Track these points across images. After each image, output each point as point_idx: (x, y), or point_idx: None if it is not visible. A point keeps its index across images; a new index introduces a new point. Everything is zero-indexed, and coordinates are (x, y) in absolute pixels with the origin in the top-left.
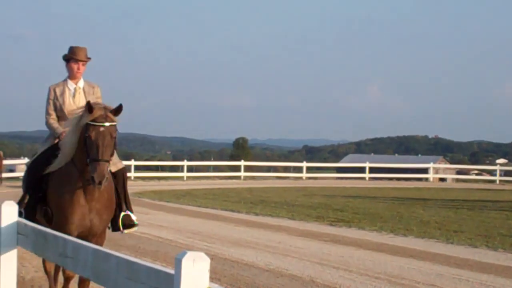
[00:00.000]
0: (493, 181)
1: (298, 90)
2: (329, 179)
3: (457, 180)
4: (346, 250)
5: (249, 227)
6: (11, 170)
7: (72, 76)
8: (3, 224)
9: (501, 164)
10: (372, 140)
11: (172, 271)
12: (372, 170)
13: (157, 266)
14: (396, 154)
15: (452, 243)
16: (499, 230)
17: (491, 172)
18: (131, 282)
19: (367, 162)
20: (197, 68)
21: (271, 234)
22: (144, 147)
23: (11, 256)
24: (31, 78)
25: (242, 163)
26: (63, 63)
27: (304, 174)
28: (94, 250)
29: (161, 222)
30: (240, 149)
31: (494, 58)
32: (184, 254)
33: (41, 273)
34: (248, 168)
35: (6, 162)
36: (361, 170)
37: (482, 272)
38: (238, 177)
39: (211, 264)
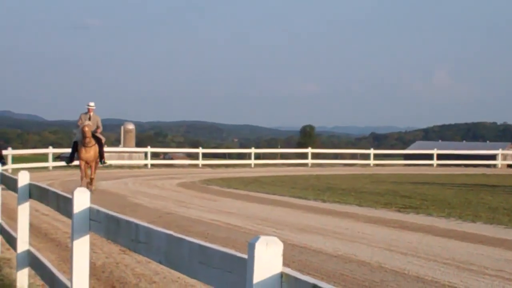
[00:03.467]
0: None
1: (365, 76)
2: (396, 166)
3: None
4: (414, 236)
5: (317, 213)
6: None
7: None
8: (76, 211)
9: None
10: (440, 126)
11: (245, 256)
12: (440, 156)
13: (230, 251)
14: (464, 141)
15: None
16: None
17: None
18: (204, 267)
19: (435, 149)
20: (264, 57)
21: (338, 221)
22: (212, 135)
23: (84, 242)
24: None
25: (309, 150)
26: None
27: (371, 161)
28: (167, 235)
29: (230, 209)
30: (307, 136)
31: None
32: (257, 238)
33: (112, 258)
34: (315, 156)
35: (63, 150)
36: (429, 156)
37: None
38: (306, 165)
39: None
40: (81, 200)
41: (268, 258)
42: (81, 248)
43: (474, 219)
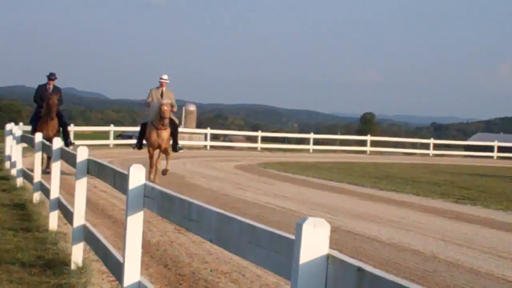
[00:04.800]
0: None
1: (428, 66)
2: (456, 157)
3: None
4: (470, 227)
5: (373, 201)
6: (130, 137)
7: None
8: (131, 187)
9: None
10: (502, 119)
11: (292, 237)
12: (501, 149)
13: (278, 231)
14: None
15: None
16: None
17: None
18: (253, 246)
19: (496, 141)
20: (326, 43)
21: (394, 209)
22: (271, 118)
23: (138, 218)
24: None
25: (368, 137)
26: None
27: (431, 151)
28: (218, 214)
29: (286, 193)
30: (367, 124)
31: None
32: (304, 219)
33: (166, 237)
34: (374, 143)
35: (125, 128)
36: (490, 148)
37: None
38: (364, 152)
39: (333, 235)
40: (137, 176)
41: (315, 239)
42: (135, 224)
43: None
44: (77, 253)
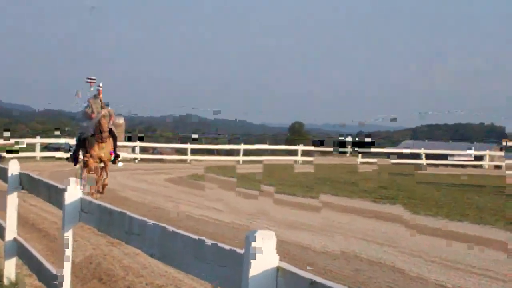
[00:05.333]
0: None
1: (356, 74)
2: (383, 164)
3: None
4: (391, 227)
5: (304, 210)
6: (57, 149)
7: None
8: (68, 202)
9: None
10: (427, 126)
11: (240, 250)
12: (428, 156)
13: (225, 246)
14: (451, 141)
15: (510, 230)
16: None
17: None
18: (198, 261)
19: (422, 148)
20: (254, 51)
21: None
22: (201, 129)
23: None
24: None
25: (300, 147)
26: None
27: (359, 159)
28: (161, 228)
29: (218, 205)
30: (295, 133)
31: None
32: (253, 232)
33: (99, 250)
34: (305, 153)
35: (51, 140)
36: (417, 156)
37: None
38: (295, 161)
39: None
40: (73, 191)
41: (265, 253)
42: (72, 239)
43: (461, 219)
44: (10, 268)
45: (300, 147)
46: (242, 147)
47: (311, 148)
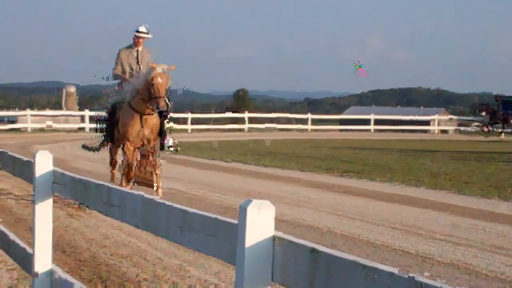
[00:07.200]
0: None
1: (299, 41)
2: (332, 131)
3: (460, 132)
4: (359, 201)
5: (260, 178)
6: (12, 121)
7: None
8: (38, 174)
9: None
10: (373, 92)
11: (232, 220)
12: (376, 122)
13: (211, 214)
14: (399, 106)
15: (464, 194)
16: (510, 181)
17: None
18: (184, 231)
19: (372, 114)
20: (198, 19)
21: (283, 186)
22: None
23: (47, 206)
24: None
25: (246, 115)
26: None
27: (309, 126)
28: (143, 198)
29: (171, 174)
30: (240, 100)
31: (498, 9)
32: (249, 202)
33: (59, 222)
34: (250, 120)
35: (7, 113)
36: (365, 122)
37: (498, 222)
38: (242, 130)
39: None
40: (44, 163)
41: (260, 222)
42: (44, 212)
43: (417, 184)
44: None
45: (247, 115)
46: (190, 115)
47: (258, 115)
